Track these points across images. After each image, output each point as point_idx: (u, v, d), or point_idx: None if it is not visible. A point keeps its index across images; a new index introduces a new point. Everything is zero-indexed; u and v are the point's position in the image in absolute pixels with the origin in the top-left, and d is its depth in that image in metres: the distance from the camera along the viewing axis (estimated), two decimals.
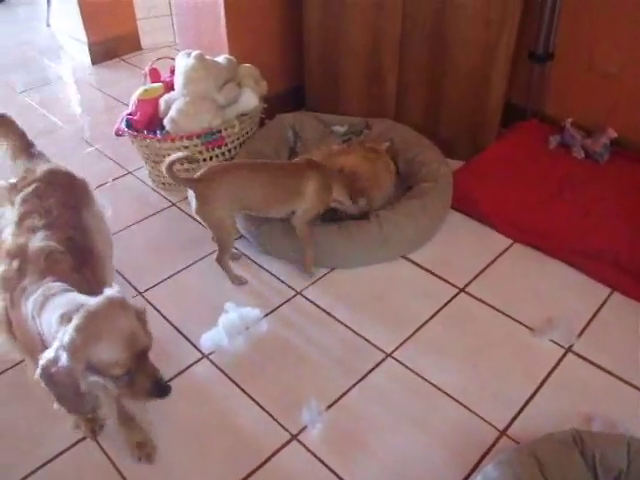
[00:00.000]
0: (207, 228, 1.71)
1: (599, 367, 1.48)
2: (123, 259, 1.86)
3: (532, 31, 2.21)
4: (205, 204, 1.63)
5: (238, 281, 1.75)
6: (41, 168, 1.39)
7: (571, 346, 1.54)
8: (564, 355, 1.52)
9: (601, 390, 1.43)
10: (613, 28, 2.07)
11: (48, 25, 3.95)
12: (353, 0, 2.16)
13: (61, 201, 1.30)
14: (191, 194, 1.65)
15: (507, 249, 1.85)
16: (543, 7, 2.14)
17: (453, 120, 2.22)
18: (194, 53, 2.10)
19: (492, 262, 1.81)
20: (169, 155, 2.01)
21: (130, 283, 1.78)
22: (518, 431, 1.34)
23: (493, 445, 1.32)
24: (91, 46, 3.28)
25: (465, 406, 1.40)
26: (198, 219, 1.69)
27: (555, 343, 1.55)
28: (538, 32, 2.21)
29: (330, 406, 1.41)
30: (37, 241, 1.18)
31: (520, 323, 1.61)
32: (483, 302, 1.67)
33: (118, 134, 2.19)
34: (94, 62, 3.31)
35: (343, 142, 2.18)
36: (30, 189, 1.31)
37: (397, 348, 1.55)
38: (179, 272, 1.82)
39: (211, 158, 2.12)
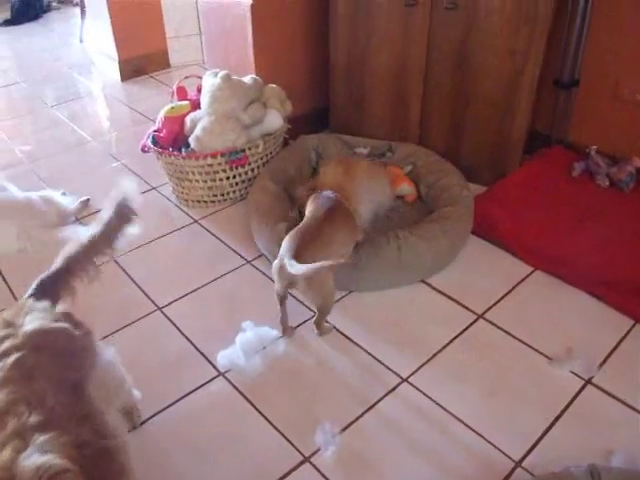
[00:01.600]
0: (311, 300, 1.63)
1: (620, 400, 1.46)
2: (143, 274, 1.91)
3: (557, 58, 2.22)
4: (317, 278, 1.54)
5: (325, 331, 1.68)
6: (27, 327, 0.95)
7: (591, 378, 1.52)
8: (584, 387, 1.50)
9: (621, 424, 1.40)
10: (639, 55, 2.07)
11: (81, 41, 4.07)
12: (380, 24, 2.20)
13: (57, 378, 0.90)
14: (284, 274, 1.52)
15: (527, 276, 1.84)
16: (570, 34, 2.15)
17: (476, 146, 2.23)
18: (221, 73, 2.15)
19: (512, 289, 1.80)
20: (193, 172, 2.10)
21: (149, 297, 1.81)
22: (534, 463, 1.32)
23: (508, 476, 1.30)
24: (121, 63, 3.37)
25: (480, 435, 1.39)
26: (303, 294, 1.61)
27: (575, 374, 1.53)
28: (564, 59, 2.21)
29: (344, 429, 1.41)
30: (31, 456, 0.76)
31: (539, 352, 1.59)
32: (502, 329, 1.66)
33: (144, 150, 2.24)
34: (124, 78, 3.40)
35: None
36: (10, 361, 0.89)
37: (413, 373, 1.54)
38: (198, 289, 1.84)
39: (234, 177, 2.15)
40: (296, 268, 1.45)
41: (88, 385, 0.96)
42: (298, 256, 1.49)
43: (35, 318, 0.98)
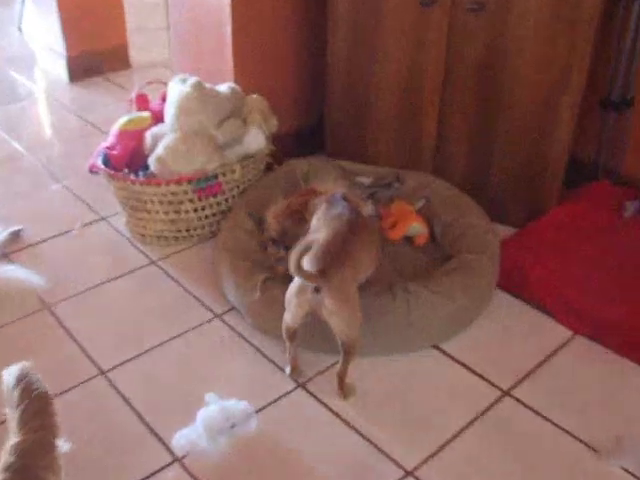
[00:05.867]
0: (338, 328, 1.62)
1: None
2: (84, 328, 1.90)
3: (606, 72, 2.26)
4: (346, 299, 1.59)
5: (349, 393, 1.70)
6: None
7: None
8: None
9: None
10: None
11: (20, 30, 4.11)
12: (389, 27, 2.24)
13: None
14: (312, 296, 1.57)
15: (566, 343, 1.85)
16: (621, 44, 2.20)
17: (504, 177, 2.26)
18: (191, 79, 2.17)
19: (546, 359, 1.80)
20: (152, 201, 2.11)
21: (91, 358, 1.80)
22: None
23: None
24: (70, 59, 3.39)
25: None
26: (328, 317, 1.59)
27: (627, 471, 1.51)
28: (614, 74, 2.26)
29: None
30: None
31: (581, 442, 1.58)
32: (533, 411, 1.65)
33: (92, 171, 2.26)
34: (72, 79, 3.42)
35: (368, 197, 2.21)
36: None
37: (420, 465, 1.53)
38: (152, 349, 1.83)
39: (203, 208, 2.17)
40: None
41: None
42: (326, 271, 1.55)
43: None
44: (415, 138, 2.36)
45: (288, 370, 1.74)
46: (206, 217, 2.20)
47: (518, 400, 1.68)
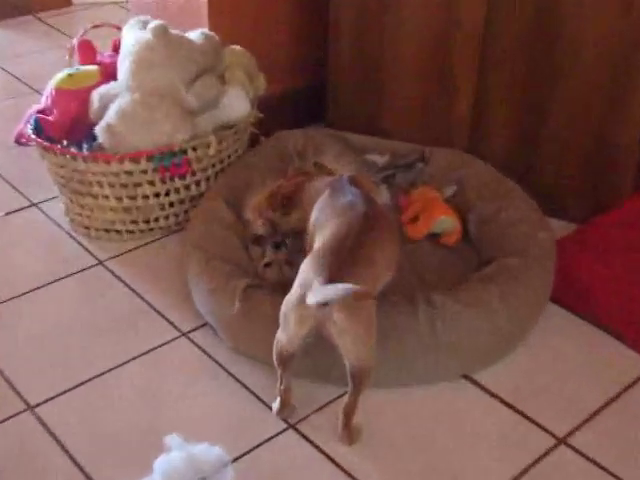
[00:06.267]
0: (349, 351, 1.62)
1: None
2: (7, 348, 1.89)
3: None
4: (360, 313, 1.58)
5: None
6: None
7: None
8: None
9: None
10: None
11: None
12: None
13: None
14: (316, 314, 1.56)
15: None
16: None
17: (561, 157, 2.26)
18: (153, 23, 2.16)
19: (616, 397, 1.79)
20: (100, 183, 2.09)
21: (15, 389, 1.78)
22: None
23: None
24: None
25: None
26: (337, 337, 1.59)
27: None
28: None
29: None
30: None
31: None
32: (597, 464, 1.64)
33: (20, 142, 2.27)
34: None
35: (382, 181, 2.22)
36: None
37: None
38: (95, 378, 1.82)
39: (167, 193, 2.17)
40: (340, 289, 1.50)
41: None
42: (336, 279, 1.54)
43: None
44: (446, 106, 2.36)
45: (277, 406, 1.73)
46: (171, 205, 2.21)
47: (577, 451, 1.67)
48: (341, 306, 1.53)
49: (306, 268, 1.62)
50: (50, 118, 2.21)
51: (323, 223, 1.77)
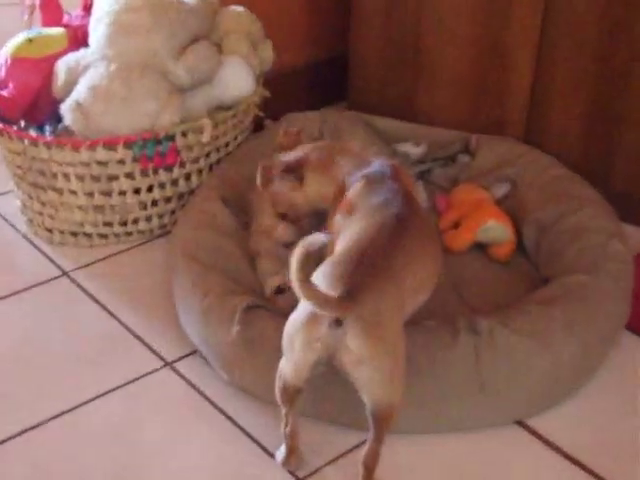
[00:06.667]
0: (369, 385, 1.60)
1: None
2: None
3: None
4: (383, 339, 1.56)
5: None
6: None
7: None
8: None
9: None
10: None
11: None
12: None
13: None
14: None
15: None
16: None
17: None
18: None
19: None
20: (66, 175, 2.12)
21: None
22: None
23: None
24: None
25: None
26: (354, 367, 1.57)
27: None
28: None
29: None
30: None
31: None
32: None
33: None
34: None
35: (417, 177, 2.24)
36: None
37: None
38: (57, 417, 1.83)
39: (149, 189, 2.18)
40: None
41: None
42: (356, 292, 1.53)
43: None
44: (499, 85, 2.39)
45: (281, 455, 1.72)
46: (154, 203, 2.23)
47: None
48: (359, 330, 1.51)
49: (318, 278, 1.57)
50: (4, 93, 2.23)
51: (349, 223, 1.77)
